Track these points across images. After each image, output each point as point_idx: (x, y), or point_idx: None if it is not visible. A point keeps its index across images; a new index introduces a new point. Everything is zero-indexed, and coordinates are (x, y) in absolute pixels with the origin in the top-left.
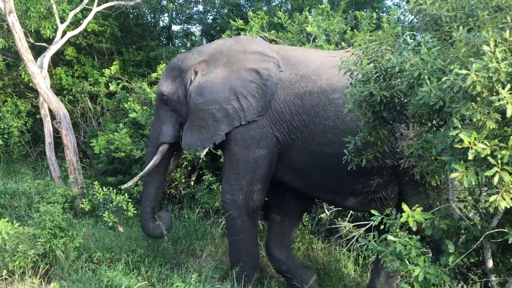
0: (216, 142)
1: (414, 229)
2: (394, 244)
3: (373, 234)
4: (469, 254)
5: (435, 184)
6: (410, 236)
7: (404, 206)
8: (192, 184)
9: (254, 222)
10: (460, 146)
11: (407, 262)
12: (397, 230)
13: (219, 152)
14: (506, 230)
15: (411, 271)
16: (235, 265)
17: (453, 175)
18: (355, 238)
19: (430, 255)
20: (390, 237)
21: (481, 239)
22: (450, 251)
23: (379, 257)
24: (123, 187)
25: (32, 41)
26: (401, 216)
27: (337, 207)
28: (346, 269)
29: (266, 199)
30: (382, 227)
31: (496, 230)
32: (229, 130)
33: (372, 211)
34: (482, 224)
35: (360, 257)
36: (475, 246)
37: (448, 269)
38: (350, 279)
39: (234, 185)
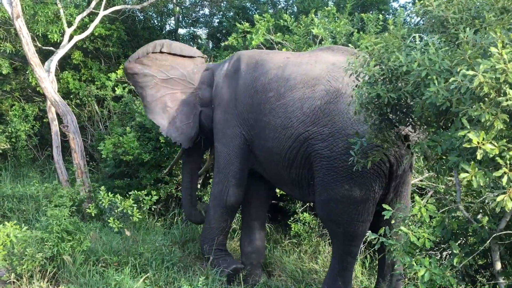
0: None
1: (427, 220)
2: (406, 236)
3: (384, 228)
4: (477, 256)
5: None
6: (422, 229)
7: (417, 198)
8: (199, 187)
9: (228, 216)
10: (469, 146)
11: (414, 263)
12: (409, 223)
13: None
14: None
15: (416, 271)
16: (202, 246)
17: (462, 175)
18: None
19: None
20: (402, 228)
21: (489, 241)
22: (455, 252)
23: (389, 253)
24: (162, 174)
25: (39, 45)
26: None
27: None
28: (353, 272)
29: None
30: (393, 221)
31: (504, 232)
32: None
33: (384, 206)
34: (490, 226)
35: (367, 260)
36: (482, 248)
37: (456, 271)
38: (357, 281)
39: (215, 179)
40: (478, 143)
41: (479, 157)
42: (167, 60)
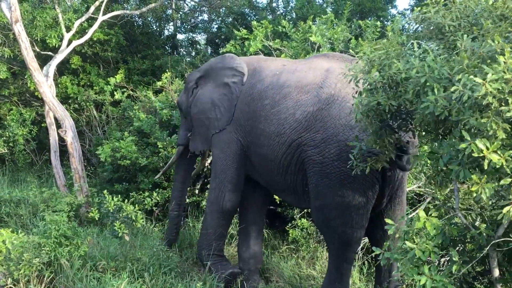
0: (206, 147)
1: (432, 233)
2: (412, 251)
3: (388, 243)
4: (475, 263)
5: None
6: (427, 242)
7: (421, 212)
8: (197, 193)
9: (225, 222)
10: (476, 155)
11: (413, 272)
12: (414, 237)
13: None
14: None
15: (417, 281)
16: (199, 252)
17: (474, 188)
18: (360, 247)
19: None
20: (408, 244)
21: (487, 248)
22: (455, 259)
23: (388, 261)
24: (155, 178)
25: (38, 50)
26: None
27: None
28: (351, 278)
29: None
30: (397, 235)
31: (502, 239)
32: (211, 135)
33: (387, 220)
34: (488, 233)
35: (364, 266)
36: (481, 255)
37: (454, 278)
38: (355, 287)
39: (212, 184)
40: (486, 151)
41: (486, 166)
42: None
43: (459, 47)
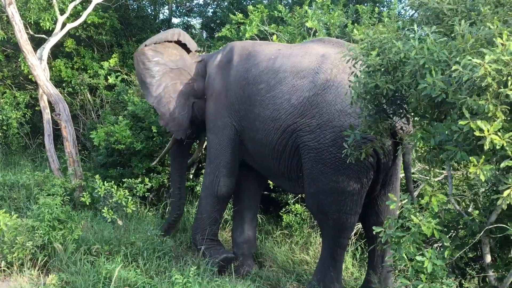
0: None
1: (436, 210)
2: (416, 227)
3: (390, 220)
4: (467, 249)
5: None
6: (429, 220)
7: (427, 186)
8: (192, 178)
9: (220, 206)
10: (478, 134)
11: (406, 253)
12: (417, 214)
13: None
14: (505, 226)
15: (419, 263)
16: (194, 236)
17: (472, 169)
18: (353, 232)
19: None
20: (414, 218)
21: (480, 234)
22: (446, 244)
23: (381, 245)
24: (152, 164)
25: (31, 32)
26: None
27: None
28: (344, 263)
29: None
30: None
31: (494, 225)
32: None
33: (389, 195)
34: (481, 219)
35: (358, 251)
36: (474, 241)
37: (446, 263)
38: (348, 273)
39: (206, 169)
40: (487, 131)
41: (486, 147)
42: (177, 50)
43: (457, 30)
